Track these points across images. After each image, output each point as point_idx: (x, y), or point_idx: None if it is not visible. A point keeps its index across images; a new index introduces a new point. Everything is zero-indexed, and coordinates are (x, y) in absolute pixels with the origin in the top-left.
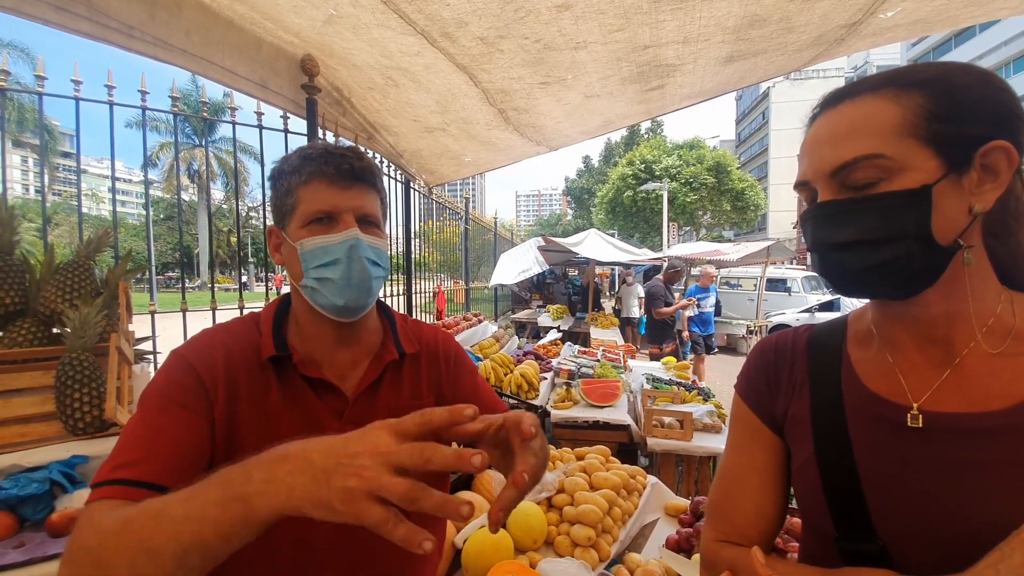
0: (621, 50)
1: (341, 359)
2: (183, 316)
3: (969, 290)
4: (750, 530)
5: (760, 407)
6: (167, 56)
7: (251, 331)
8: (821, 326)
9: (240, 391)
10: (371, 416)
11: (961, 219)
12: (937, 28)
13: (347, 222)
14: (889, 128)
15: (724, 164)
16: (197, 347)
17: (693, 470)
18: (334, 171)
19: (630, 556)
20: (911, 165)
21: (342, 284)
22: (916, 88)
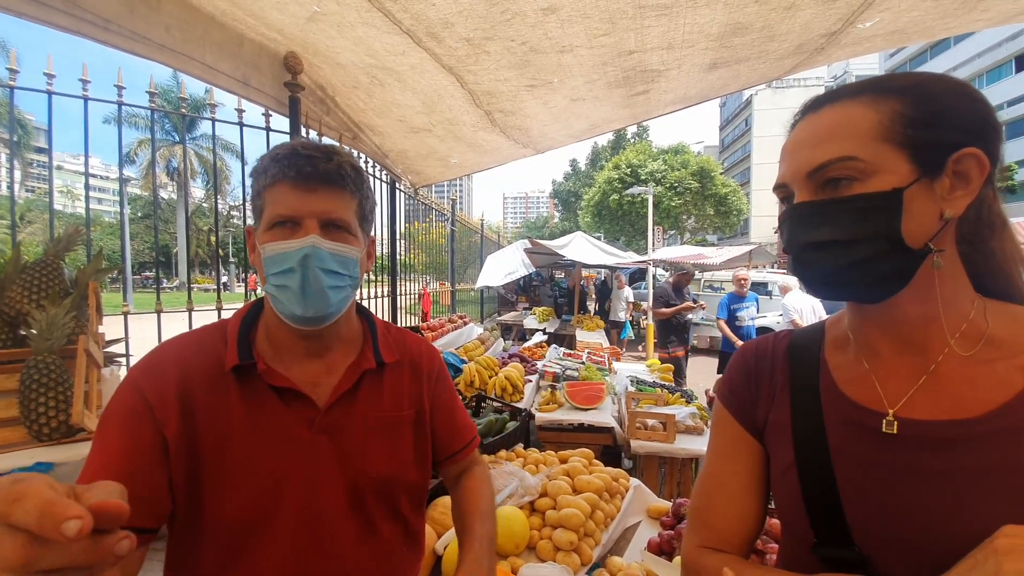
0: (607, 54)
1: (313, 366)
2: (158, 317)
3: (940, 295)
4: (731, 536)
5: (741, 413)
6: (146, 51)
7: (216, 341)
8: (800, 332)
9: (197, 406)
10: (347, 425)
11: (932, 223)
12: (914, 39)
13: (308, 228)
14: (865, 131)
15: (708, 169)
16: (148, 366)
17: (676, 472)
18: (295, 173)
19: (612, 560)
20: (884, 168)
21: (297, 293)
22: (893, 94)
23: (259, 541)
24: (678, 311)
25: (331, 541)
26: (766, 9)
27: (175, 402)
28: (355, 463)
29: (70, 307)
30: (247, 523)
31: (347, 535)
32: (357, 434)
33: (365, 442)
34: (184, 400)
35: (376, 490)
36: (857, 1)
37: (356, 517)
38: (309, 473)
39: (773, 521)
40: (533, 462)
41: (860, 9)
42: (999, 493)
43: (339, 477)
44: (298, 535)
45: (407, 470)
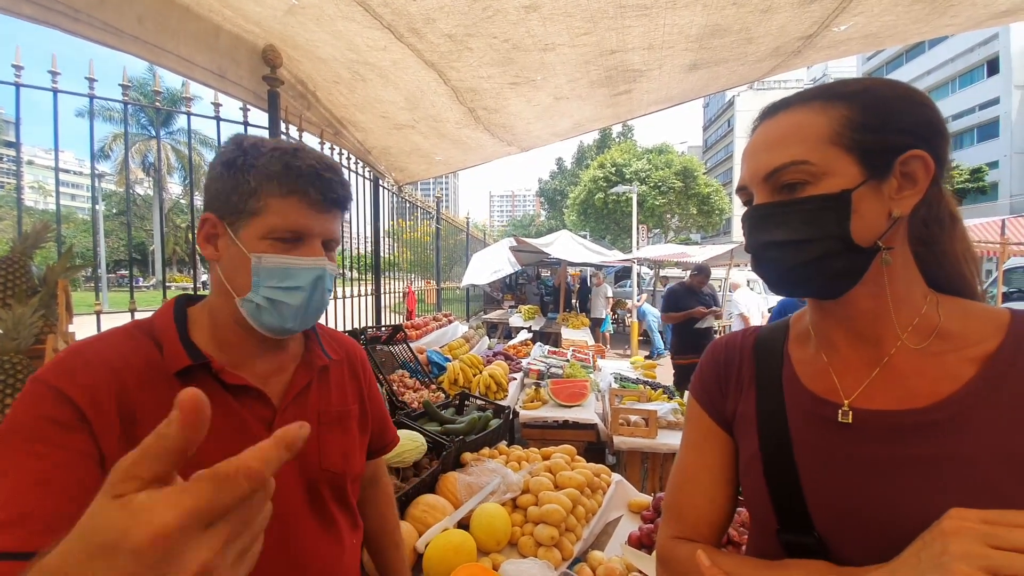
0: (589, 53)
1: (264, 365)
2: (131, 316)
3: (891, 290)
4: (703, 527)
5: (711, 407)
6: (118, 43)
7: (140, 343)
8: (766, 328)
9: (139, 414)
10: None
11: (881, 222)
12: (887, 43)
13: (315, 249)
14: (815, 136)
15: (691, 169)
16: (69, 371)
17: (658, 467)
18: (320, 197)
19: (593, 554)
20: (834, 171)
21: (299, 310)
22: (842, 100)
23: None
24: (687, 316)
25: (296, 538)
26: (743, 12)
27: (115, 410)
28: (312, 459)
29: (38, 306)
30: None
31: (309, 530)
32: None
33: (319, 438)
34: (124, 408)
35: (331, 484)
36: (831, 5)
37: (315, 512)
38: None
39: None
40: (516, 459)
41: (835, 13)
42: (946, 480)
43: (297, 474)
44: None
45: (355, 462)
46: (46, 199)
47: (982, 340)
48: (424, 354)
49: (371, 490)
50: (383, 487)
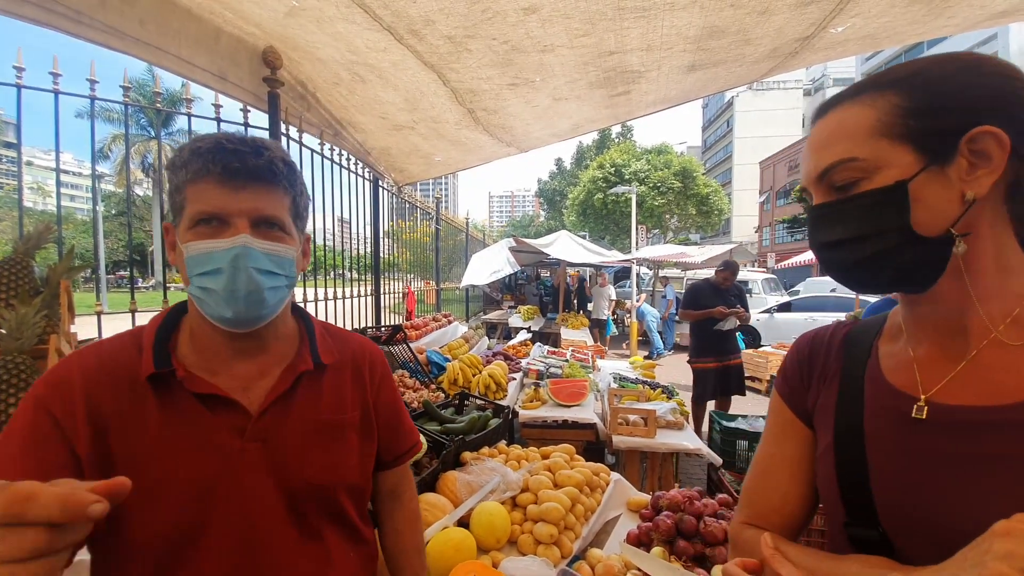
0: (588, 55)
1: (243, 370)
2: (132, 317)
3: (974, 280)
4: (774, 516)
5: (792, 399)
6: (120, 45)
7: (128, 349)
8: (860, 323)
9: (109, 421)
10: (282, 430)
11: (951, 208)
12: (885, 44)
13: (237, 227)
14: (863, 131)
15: (690, 169)
16: (52, 381)
17: (657, 466)
18: (221, 169)
19: (592, 552)
20: (886, 163)
21: (226, 295)
22: (891, 88)
23: (189, 556)
24: (705, 315)
25: (268, 551)
26: (741, 13)
27: (84, 416)
28: (292, 470)
29: (40, 306)
30: (174, 539)
31: (285, 543)
32: (294, 440)
33: (302, 448)
34: (94, 414)
35: (316, 496)
36: (829, 7)
37: (295, 524)
38: (240, 483)
39: None
40: (515, 458)
41: (832, 15)
42: (1020, 481)
43: (273, 486)
44: (232, 548)
45: (349, 474)
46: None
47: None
48: (424, 354)
49: (389, 504)
50: (404, 503)
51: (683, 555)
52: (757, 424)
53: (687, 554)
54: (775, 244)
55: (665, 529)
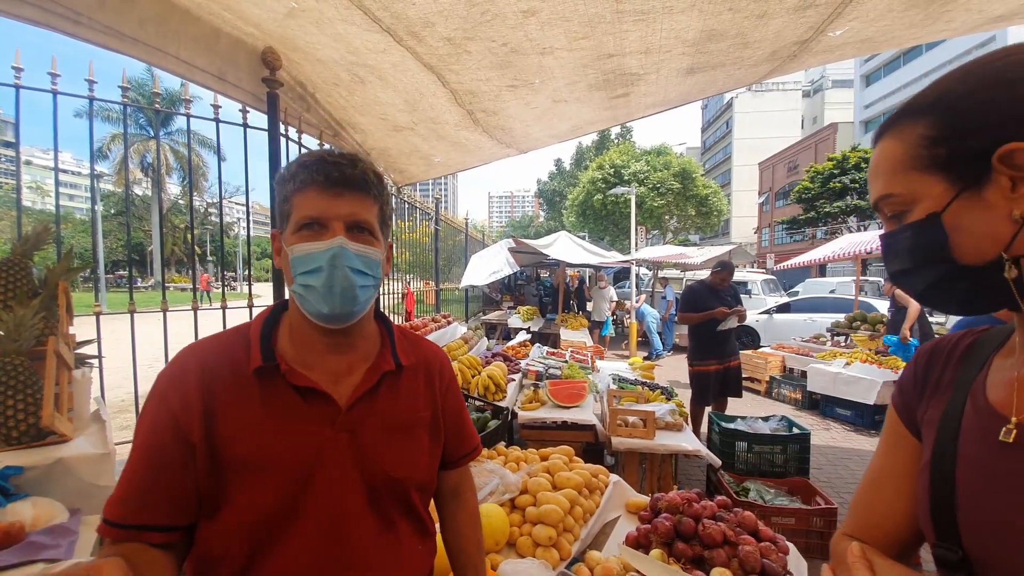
0: (587, 57)
1: (334, 365)
2: (131, 318)
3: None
4: (876, 531)
5: (905, 411)
6: (119, 45)
7: (236, 344)
8: (989, 332)
9: (219, 410)
10: (367, 424)
11: (1000, 231)
12: (883, 47)
13: (335, 230)
14: (896, 165)
15: (689, 171)
16: (172, 373)
17: (656, 467)
18: (324, 179)
19: (590, 554)
20: (920, 196)
21: (324, 291)
22: (919, 117)
23: (286, 535)
24: (707, 317)
25: (352, 536)
26: (739, 17)
27: (198, 408)
28: (373, 462)
29: (39, 308)
30: (270, 521)
31: (366, 530)
32: (375, 434)
33: (382, 442)
34: (207, 405)
35: (391, 489)
36: (827, 11)
37: (374, 513)
38: (331, 470)
39: None
40: (514, 460)
41: (830, 18)
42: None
43: (358, 475)
44: (322, 530)
45: (420, 471)
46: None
47: None
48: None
49: (452, 504)
50: (464, 502)
51: (682, 557)
52: (756, 425)
53: (686, 556)
54: (774, 245)
55: (664, 531)
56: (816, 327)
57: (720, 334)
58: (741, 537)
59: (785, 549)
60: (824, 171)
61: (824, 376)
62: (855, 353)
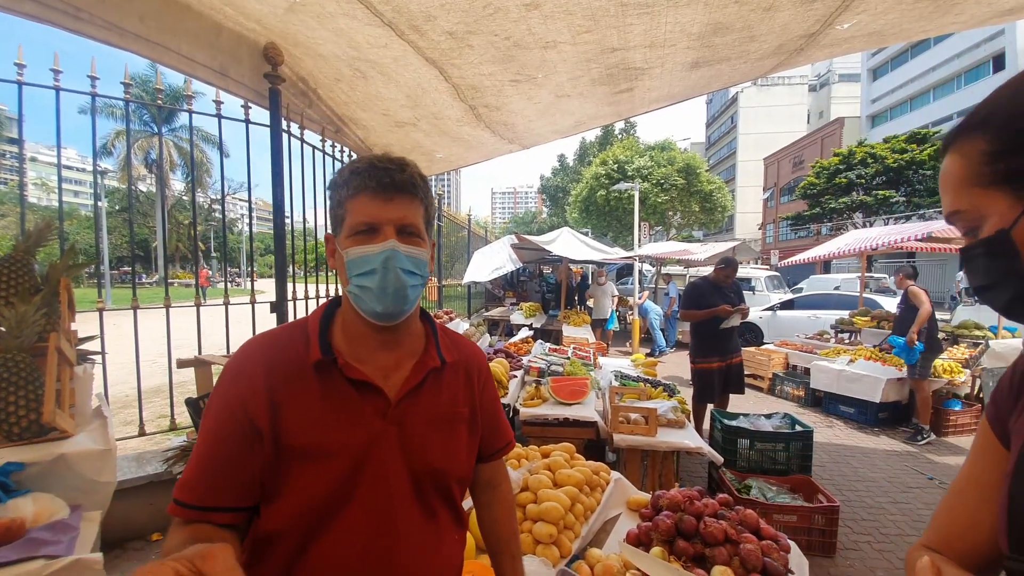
0: (590, 51)
1: (384, 360)
2: (134, 314)
3: None
4: (957, 542)
5: (996, 420)
6: (120, 41)
7: (296, 338)
8: None
9: (282, 399)
10: (413, 417)
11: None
12: (891, 40)
13: (387, 233)
14: (959, 182)
15: (693, 166)
16: (239, 364)
17: (658, 464)
18: (376, 184)
19: (591, 551)
20: (988, 212)
21: (378, 292)
22: (978, 131)
23: (337, 521)
24: (710, 315)
25: (397, 523)
26: (746, 10)
27: (264, 396)
28: (417, 453)
29: (40, 304)
30: (325, 505)
31: (411, 518)
32: (420, 427)
33: (426, 435)
34: (272, 395)
35: (433, 479)
36: (834, 3)
37: (418, 502)
38: (381, 459)
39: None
40: (515, 456)
41: (838, 11)
42: None
43: (404, 465)
44: (370, 517)
45: (459, 464)
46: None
47: None
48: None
49: (488, 494)
50: (502, 493)
51: (683, 555)
52: (759, 423)
53: (687, 554)
54: (779, 241)
55: (665, 529)
56: (820, 324)
57: (723, 331)
58: (743, 535)
59: (787, 547)
60: (830, 167)
61: (827, 373)
62: (859, 350)
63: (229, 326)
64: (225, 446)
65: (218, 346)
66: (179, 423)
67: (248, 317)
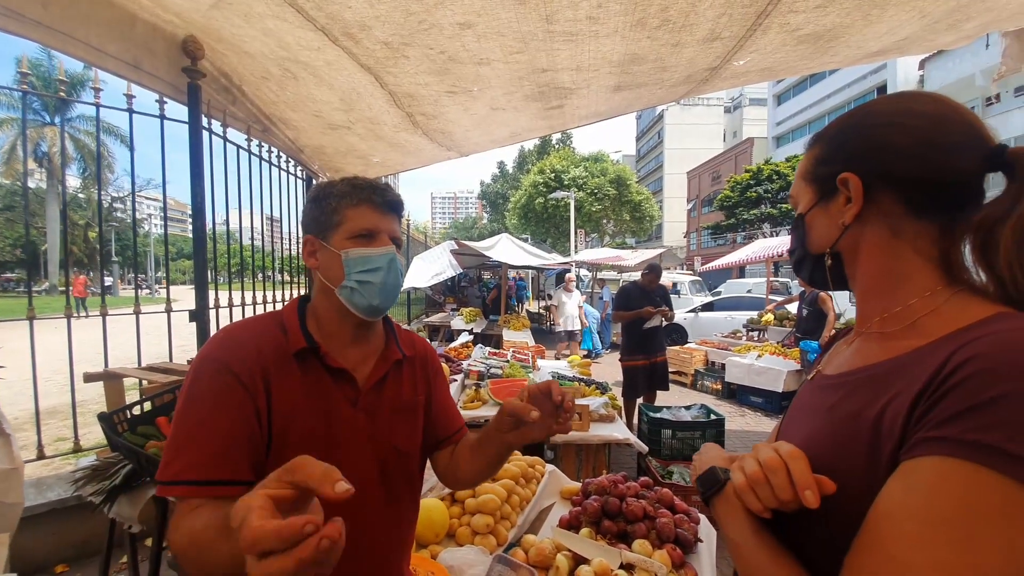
0: (522, 70)
1: (354, 354)
2: (30, 325)
3: (861, 285)
4: None
5: None
6: (19, 28)
7: (273, 329)
8: (848, 330)
9: (272, 383)
10: (379, 406)
11: (831, 232)
12: (782, 75)
13: (384, 241)
14: (798, 175)
15: (624, 177)
16: (228, 346)
17: (591, 457)
18: (380, 200)
19: (526, 538)
20: (800, 200)
21: (379, 287)
22: (820, 140)
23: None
24: (635, 316)
25: (366, 506)
26: (657, 44)
27: (260, 377)
28: (383, 439)
29: None
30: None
31: (377, 501)
32: (385, 415)
33: (391, 422)
34: (265, 377)
35: (397, 463)
36: (730, 44)
37: (383, 485)
38: (351, 445)
39: None
40: None
41: (734, 50)
42: (806, 423)
43: (372, 450)
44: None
45: (417, 448)
46: None
47: (931, 335)
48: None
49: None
50: None
51: (608, 533)
52: (679, 414)
53: (611, 532)
54: (701, 248)
55: (592, 511)
56: (735, 324)
57: (647, 331)
58: (659, 511)
59: (697, 519)
60: (742, 181)
61: (739, 367)
62: (765, 346)
63: (141, 337)
64: (231, 416)
65: (122, 360)
66: (83, 444)
67: (158, 327)
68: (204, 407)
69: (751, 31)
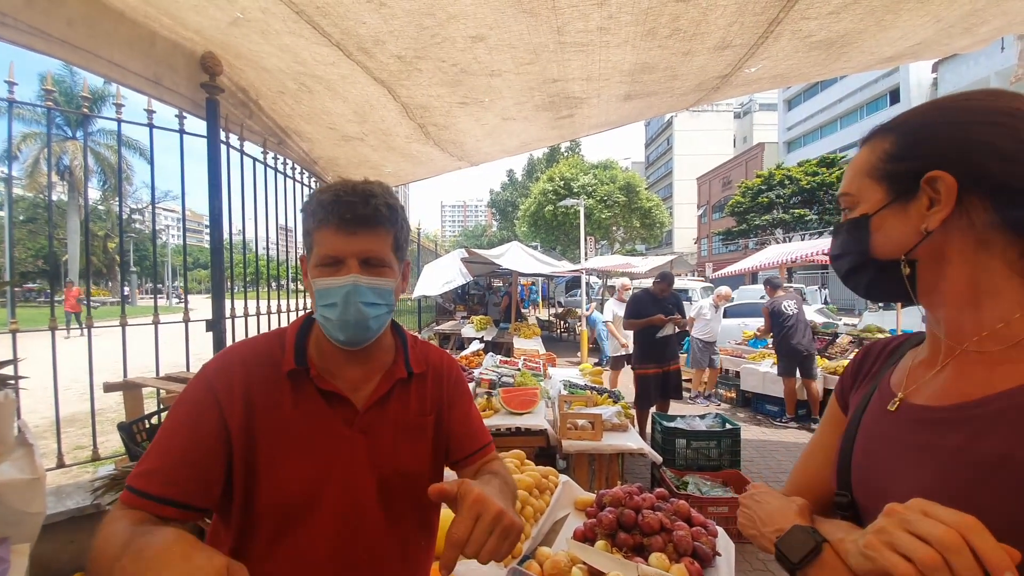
0: (533, 81)
1: (352, 374)
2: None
3: (945, 299)
4: (806, 492)
5: (841, 396)
6: (45, 47)
7: (274, 347)
8: (912, 336)
9: (257, 403)
10: (380, 426)
11: (907, 238)
12: (794, 81)
13: (350, 267)
14: (858, 171)
15: (633, 184)
16: (218, 364)
17: (604, 467)
18: (338, 220)
19: (540, 550)
20: (863, 199)
21: (340, 323)
22: (887, 134)
23: (304, 523)
24: (647, 324)
25: (364, 527)
26: (667, 53)
27: (240, 398)
28: (385, 460)
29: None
30: (292, 509)
31: (377, 523)
32: (387, 435)
33: (394, 442)
34: (247, 397)
35: (401, 484)
36: (742, 51)
37: (384, 507)
38: (347, 466)
39: None
40: None
41: (745, 57)
42: (934, 468)
43: (371, 471)
44: (337, 520)
45: (427, 467)
46: None
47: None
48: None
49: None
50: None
51: (623, 546)
52: (694, 423)
53: (627, 545)
54: (712, 255)
55: (607, 523)
56: (748, 330)
57: (659, 340)
58: (676, 524)
59: (715, 532)
60: (753, 187)
61: (754, 375)
62: None
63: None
64: (192, 438)
65: (140, 369)
66: (102, 453)
67: (176, 337)
68: (175, 421)
69: (763, 38)
